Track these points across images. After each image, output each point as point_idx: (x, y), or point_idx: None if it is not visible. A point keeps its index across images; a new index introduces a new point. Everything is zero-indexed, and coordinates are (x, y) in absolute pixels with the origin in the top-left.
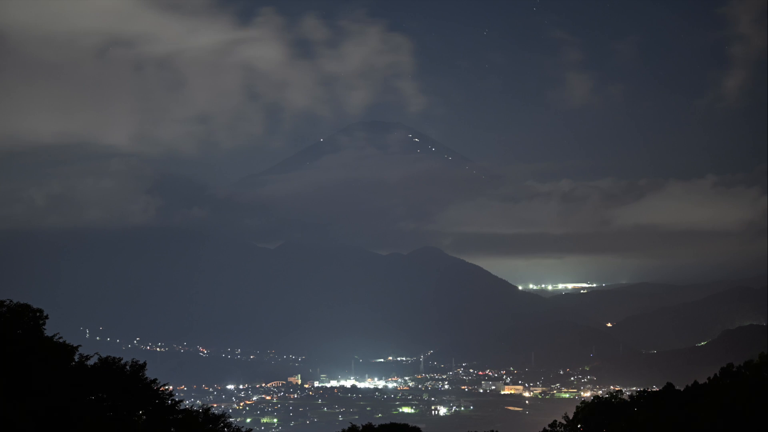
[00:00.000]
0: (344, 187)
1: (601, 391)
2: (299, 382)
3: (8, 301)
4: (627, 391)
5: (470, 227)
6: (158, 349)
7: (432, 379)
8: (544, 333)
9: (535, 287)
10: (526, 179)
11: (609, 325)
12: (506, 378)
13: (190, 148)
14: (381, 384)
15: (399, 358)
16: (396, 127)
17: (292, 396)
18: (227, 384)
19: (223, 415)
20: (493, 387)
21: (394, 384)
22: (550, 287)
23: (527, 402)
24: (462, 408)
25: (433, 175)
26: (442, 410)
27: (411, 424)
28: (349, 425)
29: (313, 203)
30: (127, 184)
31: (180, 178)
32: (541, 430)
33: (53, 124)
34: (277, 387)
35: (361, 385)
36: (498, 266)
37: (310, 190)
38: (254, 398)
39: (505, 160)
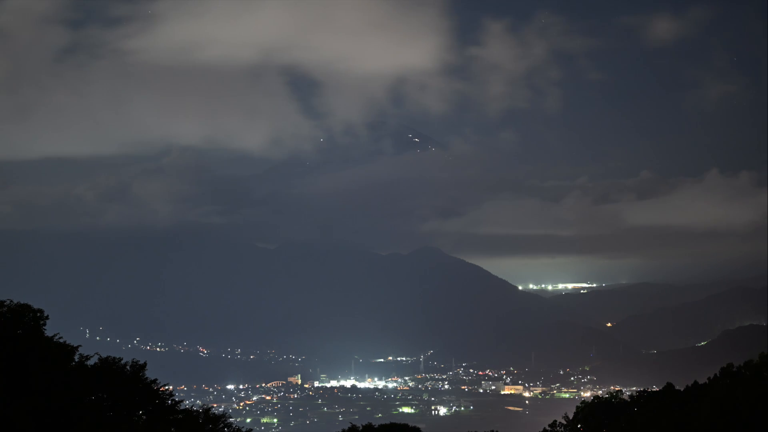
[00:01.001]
0: (354, 189)
1: (601, 391)
2: (299, 382)
3: (8, 301)
4: (627, 391)
5: (470, 227)
6: (158, 349)
7: (432, 379)
8: (544, 333)
9: (535, 287)
10: (534, 180)
11: (609, 325)
12: (506, 378)
13: (309, 153)
14: (381, 384)
15: (399, 358)
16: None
17: (292, 396)
18: (227, 384)
19: (223, 415)
20: (493, 387)
21: (394, 384)
22: (550, 287)
23: (527, 402)
24: (462, 408)
25: (437, 176)
26: (442, 410)
27: (411, 424)
28: (349, 425)
29: (324, 204)
30: (167, 186)
31: (237, 180)
32: (541, 430)
33: (201, 129)
34: (277, 387)
35: (361, 385)
36: (498, 266)
37: (334, 192)
38: (254, 398)
39: (521, 162)
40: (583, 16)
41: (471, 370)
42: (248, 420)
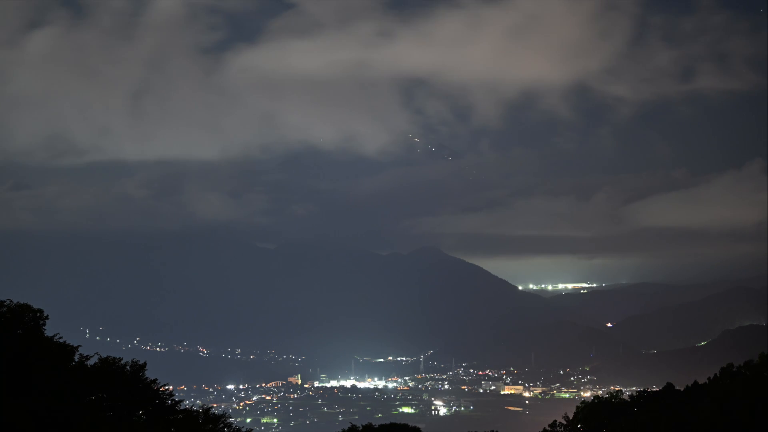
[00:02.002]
0: (360, 189)
1: (601, 391)
2: (299, 382)
3: (8, 301)
4: (627, 391)
5: (471, 227)
6: (158, 349)
7: (432, 379)
8: (544, 333)
9: (535, 287)
10: (533, 183)
11: (609, 325)
12: (506, 378)
13: (413, 158)
14: (381, 384)
15: (399, 358)
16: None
17: (292, 396)
18: (227, 384)
19: (223, 415)
20: (493, 387)
21: (394, 384)
22: (550, 287)
23: (527, 402)
24: (462, 408)
25: (440, 179)
26: (442, 410)
27: (411, 424)
28: (349, 425)
29: (335, 204)
30: (216, 188)
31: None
32: (541, 430)
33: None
34: (277, 387)
35: (361, 385)
36: (498, 266)
37: (361, 193)
38: (254, 398)
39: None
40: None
41: (471, 370)
42: (248, 420)
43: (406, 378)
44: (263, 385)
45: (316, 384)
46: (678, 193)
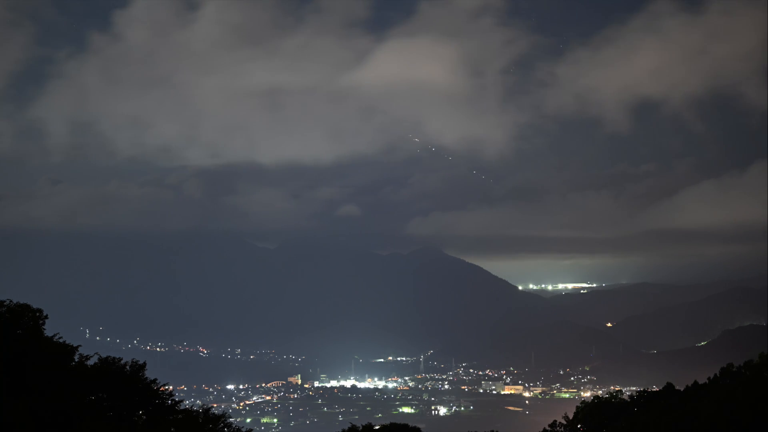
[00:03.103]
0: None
1: (601, 391)
2: (299, 382)
3: (8, 301)
4: (627, 391)
5: (471, 228)
6: (158, 349)
7: (432, 379)
8: (544, 333)
9: (535, 287)
10: (535, 183)
11: (609, 325)
12: (506, 378)
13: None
14: (381, 384)
15: (399, 358)
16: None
17: (292, 396)
18: (227, 384)
19: (223, 415)
20: (493, 387)
21: (394, 384)
22: (550, 287)
23: (527, 402)
24: (462, 408)
25: (441, 180)
26: (442, 410)
27: (411, 424)
28: (349, 425)
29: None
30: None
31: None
32: (541, 430)
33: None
34: (277, 387)
35: (361, 385)
36: (498, 266)
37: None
38: (254, 398)
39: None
40: None
41: (471, 370)
42: (248, 420)
43: (406, 378)
44: (263, 385)
45: (316, 384)
46: (710, 182)
